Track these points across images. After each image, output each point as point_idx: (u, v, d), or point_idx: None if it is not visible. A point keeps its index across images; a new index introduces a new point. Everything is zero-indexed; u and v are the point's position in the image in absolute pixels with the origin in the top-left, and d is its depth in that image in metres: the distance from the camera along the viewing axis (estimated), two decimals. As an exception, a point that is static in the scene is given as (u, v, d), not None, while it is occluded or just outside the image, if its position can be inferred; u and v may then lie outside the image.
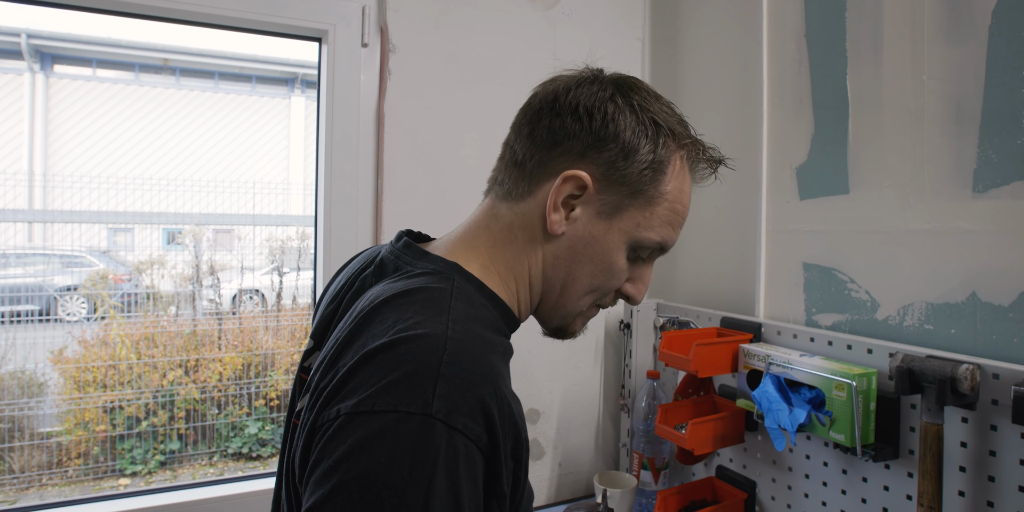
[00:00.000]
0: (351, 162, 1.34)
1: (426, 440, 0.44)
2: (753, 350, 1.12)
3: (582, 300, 0.67)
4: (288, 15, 1.28)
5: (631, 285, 0.69)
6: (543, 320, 0.71)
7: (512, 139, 0.68)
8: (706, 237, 1.44)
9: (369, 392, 0.47)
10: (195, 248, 3.81)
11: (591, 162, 0.62)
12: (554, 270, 0.66)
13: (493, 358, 0.52)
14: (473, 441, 0.46)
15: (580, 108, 0.63)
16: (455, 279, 0.60)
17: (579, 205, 0.64)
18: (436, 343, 0.49)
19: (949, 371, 0.82)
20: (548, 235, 0.65)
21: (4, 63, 5.08)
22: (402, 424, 0.45)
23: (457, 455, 0.45)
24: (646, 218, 0.64)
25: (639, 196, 0.63)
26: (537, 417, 1.51)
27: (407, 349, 0.49)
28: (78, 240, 3.90)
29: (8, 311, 3.35)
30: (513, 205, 0.66)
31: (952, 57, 0.94)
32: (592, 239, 0.64)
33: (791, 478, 1.12)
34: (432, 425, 0.45)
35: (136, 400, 3.11)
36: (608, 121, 0.62)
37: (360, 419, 0.46)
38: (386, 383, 0.47)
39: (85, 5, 1.19)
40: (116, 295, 3.61)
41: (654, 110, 0.64)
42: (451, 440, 0.45)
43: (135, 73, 5.45)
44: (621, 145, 0.62)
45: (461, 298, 0.57)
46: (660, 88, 1.60)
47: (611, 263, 0.65)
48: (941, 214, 0.95)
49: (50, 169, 5.06)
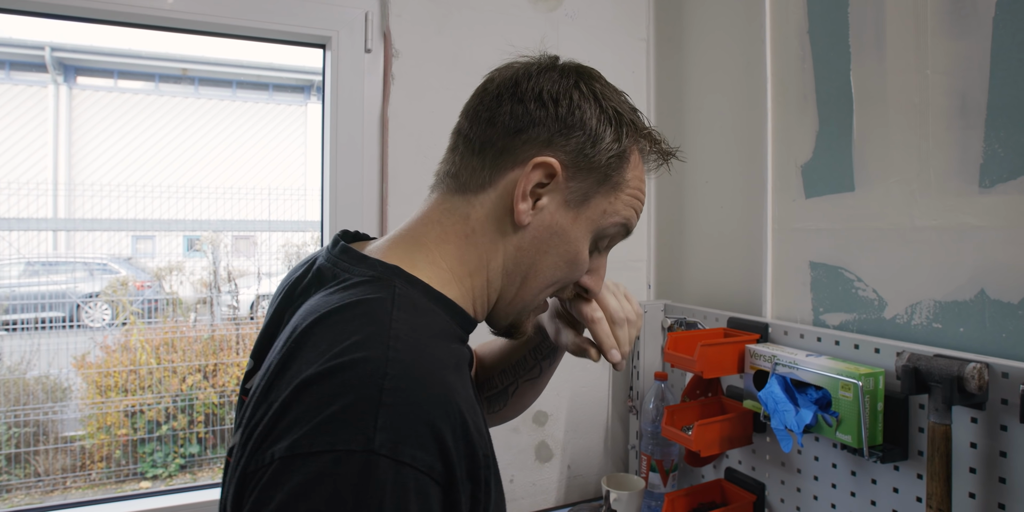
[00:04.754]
0: (356, 166, 1.35)
1: (370, 480, 0.41)
2: (759, 350, 1.10)
3: (541, 294, 0.65)
4: (292, 22, 1.30)
5: (589, 277, 0.67)
6: (496, 318, 0.67)
7: (466, 127, 0.64)
8: (712, 237, 1.43)
9: (304, 431, 0.42)
10: (214, 254, 3.86)
11: (558, 149, 0.60)
12: (516, 263, 0.62)
13: (444, 373, 0.49)
14: (425, 473, 0.43)
15: (544, 94, 0.60)
16: (396, 285, 0.56)
17: (546, 194, 0.61)
18: (375, 368, 0.45)
19: (956, 370, 0.80)
20: (513, 226, 0.61)
21: (29, 76, 5.21)
22: (342, 465, 0.41)
23: (407, 492, 0.42)
24: (611, 204, 0.63)
25: (606, 183, 0.62)
26: (545, 419, 1.51)
27: (343, 378, 0.45)
28: (101, 248, 3.98)
29: (34, 318, 3.42)
30: (471, 197, 0.62)
31: (956, 50, 0.92)
32: (559, 229, 0.62)
33: (800, 480, 1.10)
34: (376, 462, 0.41)
35: (156, 404, 3.16)
36: (574, 108, 0.60)
37: (296, 463, 0.42)
38: (321, 419, 0.43)
39: (105, 18, 1.22)
40: (137, 301, 3.67)
41: (614, 100, 0.63)
42: (399, 476, 0.41)
43: (155, 83, 5.56)
44: (588, 132, 0.60)
45: (404, 306, 0.53)
46: (665, 87, 1.59)
47: (576, 254, 0.63)
48: (948, 210, 0.93)
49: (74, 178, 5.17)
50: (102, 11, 1.18)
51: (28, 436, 2.96)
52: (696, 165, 1.48)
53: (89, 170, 5.27)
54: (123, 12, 1.19)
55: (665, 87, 1.59)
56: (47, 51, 5.07)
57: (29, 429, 2.97)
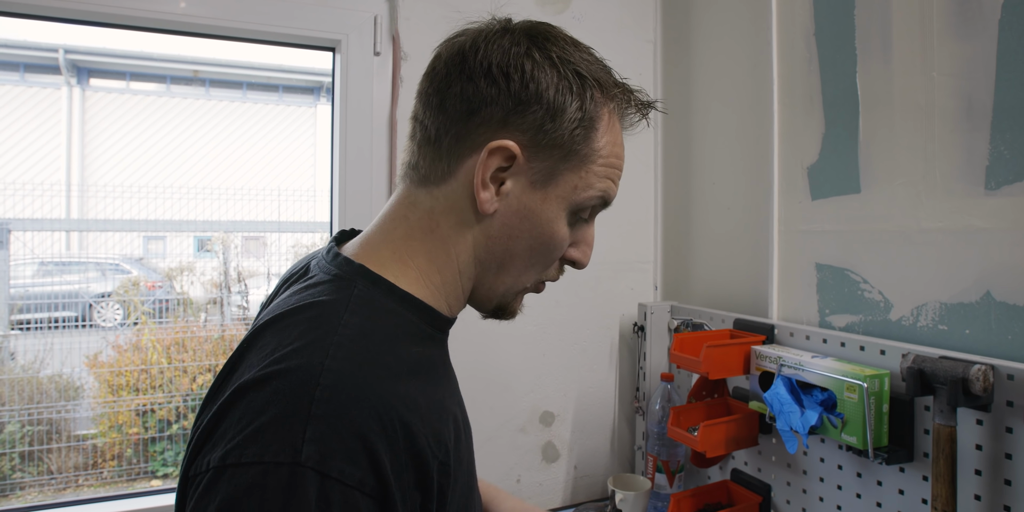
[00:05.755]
0: (365, 168, 1.37)
1: (295, 493, 0.41)
2: (765, 352, 1.11)
3: (523, 277, 0.62)
4: (302, 26, 1.31)
5: (575, 249, 0.64)
6: (479, 305, 0.65)
7: (421, 113, 0.60)
8: (719, 239, 1.43)
9: (236, 441, 0.43)
10: (224, 255, 3.90)
11: (515, 129, 0.56)
12: (488, 252, 0.59)
13: (385, 383, 0.47)
14: (354, 487, 0.42)
15: (494, 68, 0.55)
16: (357, 286, 0.54)
17: (509, 178, 0.57)
18: (308, 377, 0.44)
19: (961, 372, 0.80)
20: (479, 216, 0.58)
21: (43, 78, 5.28)
22: (270, 477, 0.41)
23: (331, 506, 0.41)
24: (583, 178, 0.58)
25: (572, 157, 0.58)
26: (552, 420, 1.52)
27: (276, 387, 0.44)
28: (113, 248, 4.02)
29: (47, 317, 3.47)
30: (433, 189, 0.59)
31: (962, 52, 0.93)
32: (528, 212, 0.58)
33: (806, 481, 1.10)
34: (303, 475, 0.41)
35: (167, 404, 3.19)
36: (528, 81, 0.55)
37: (227, 473, 0.42)
38: (252, 429, 0.43)
39: (119, 22, 1.24)
40: (148, 301, 3.71)
41: (575, 60, 0.57)
42: (323, 490, 0.41)
43: (167, 85, 5.61)
44: (546, 106, 0.55)
45: (359, 310, 0.52)
46: (672, 88, 1.59)
47: (552, 234, 0.59)
48: (954, 212, 0.94)
49: (86, 179, 5.23)
50: (116, 15, 1.20)
51: (41, 434, 3.00)
52: (703, 167, 1.48)
53: (101, 171, 5.32)
54: (137, 16, 1.20)
55: (672, 89, 1.60)
56: (60, 53, 5.13)
57: (42, 427, 3.01)
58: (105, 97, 5.42)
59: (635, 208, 1.62)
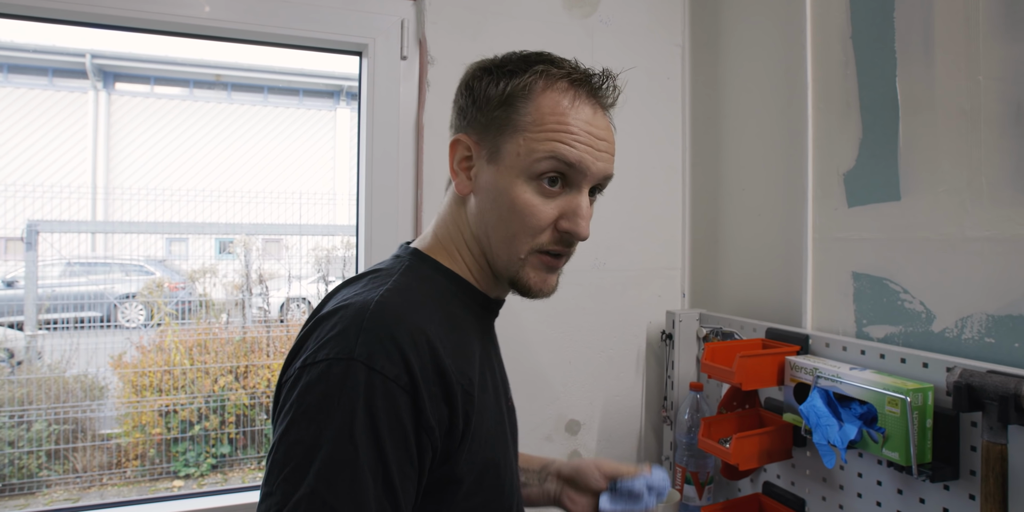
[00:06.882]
0: (391, 173, 1.36)
1: (350, 379, 0.56)
2: (800, 362, 1.08)
3: (512, 246, 0.69)
4: (329, 31, 1.31)
5: (565, 220, 0.69)
6: (502, 281, 0.74)
7: None
8: (750, 245, 1.40)
9: (313, 349, 0.59)
10: (245, 257, 3.93)
11: (468, 125, 0.71)
12: (478, 226, 0.72)
13: (419, 317, 0.62)
14: (392, 379, 0.56)
15: (463, 86, 0.73)
16: (410, 261, 0.72)
17: (474, 164, 0.71)
18: (364, 307, 0.61)
19: (1013, 388, 0.77)
20: (464, 199, 0.73)
21: (71, 82, 5.37)
22: (333, 368, 0.57)
23: (375, 391, 0.56)
24: (522, 145, 0.67)
25: (505, 129, 0.68)
26: (578, 428, 1.50)
27: (343, 314, 0.61)
28: (137, 249, 4.07)
29: (73, 317, 3.51)
30: (449, 187, 0.77)
31: (1010, 55, 0.89)
32: (491, 185, 0.69)
33: (842, 497, 1.07)
34: (355, 367, 0.56)
35: (189, 404, 3.22)
36: (479, 91, 0.70)
37: (307, 370, 0.58)
38: (325, 340, 0.59)
39: (146, 28, 1.25)
40: (171, 303, 3.75)
41: (511, 60, 0.70)
42: (369, 378, 0.56)
43: (190, 89, 5.69)
44: (477, 100, 0.70)
45: (408, 274, 0.69)
46: (700, 93, 1.57)
47: (512, 200, 0.68)
48: (1001, 220, 0.90)
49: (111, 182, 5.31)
50: (142, 20, 1.20)
51: (67, 433, 3.04)
52: (732, 172, 1.45)
53: (126, 174, 5.40)
54: (163, 21, 1.21)
55: (701, 93, 1.57)
56: (87, 58, 5.22)
57: (68, 426, 3.05)
58: (130, 101, 5.50)
59: (662, 214, 1.59)
